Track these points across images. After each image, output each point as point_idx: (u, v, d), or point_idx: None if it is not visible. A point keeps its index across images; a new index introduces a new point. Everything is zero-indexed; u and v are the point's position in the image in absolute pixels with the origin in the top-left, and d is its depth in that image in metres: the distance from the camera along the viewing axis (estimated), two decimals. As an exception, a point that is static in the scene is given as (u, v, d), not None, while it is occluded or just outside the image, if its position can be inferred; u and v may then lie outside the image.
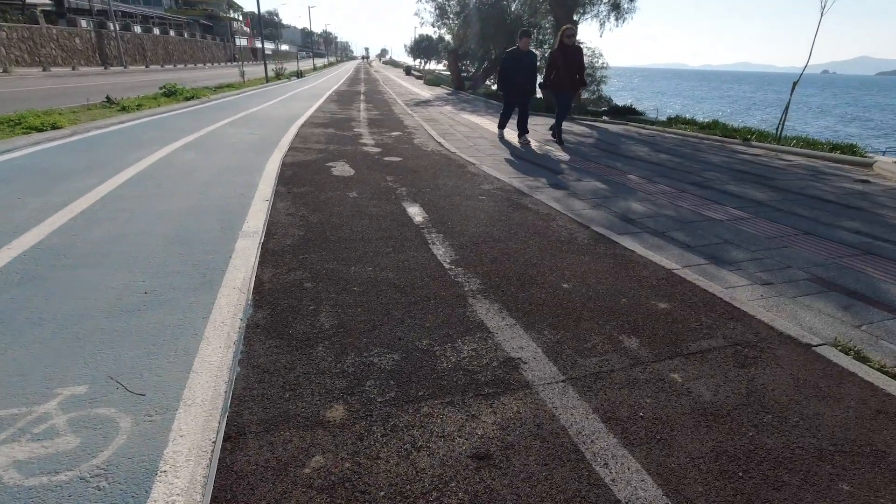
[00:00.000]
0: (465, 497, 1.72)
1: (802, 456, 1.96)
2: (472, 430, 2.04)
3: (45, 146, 7.69)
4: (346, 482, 1.77)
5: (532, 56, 9.66)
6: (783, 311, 3.26)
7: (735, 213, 5.48)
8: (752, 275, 3.84)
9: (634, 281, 3.52)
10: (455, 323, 2.87)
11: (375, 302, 3.10)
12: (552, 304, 3.14)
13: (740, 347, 2.72)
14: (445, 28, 29.09)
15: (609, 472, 1.85)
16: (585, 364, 2.52)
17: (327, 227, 4.45)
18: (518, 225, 4.68)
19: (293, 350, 2.56)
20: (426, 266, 3.66)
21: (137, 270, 3.44)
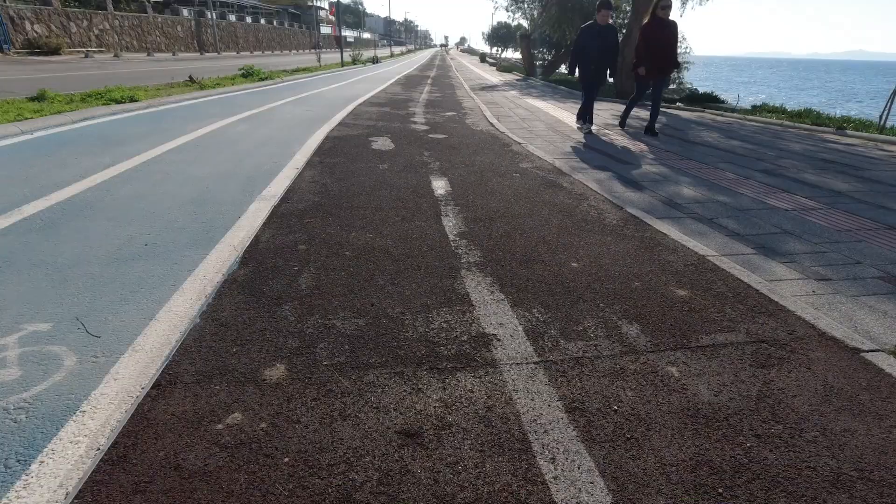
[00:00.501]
0: (373, 474, 1.52)
1: (811, 479, 1.56)
2: (412, 404, 1.82)
3: (119, 116, 8.26)
4: (254, 443, 1.62)
5: (612, 32, 8.11)
6: (836, 310, 2.73)
7: (804, 203, 4.77)
8: (808, 268, 3.28)
9: (656, 265, 3.10)
10: (437, 294, 2.65)
11: (362, 268, 2.93)
12: (552, 282, 2.82)
13: (765, 345, 2.28)
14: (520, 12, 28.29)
15: (553, 469, 1.56)
16: (568, 347, 2.21)
17: (344, 196, 4.35)
18: (544, 203, 4.33)
19: (259, 307, 2.46)
20: (429, 237, 3.44)
21: (147, 225, 3.51)
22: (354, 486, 1.47)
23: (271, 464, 1.54)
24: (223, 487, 1.46)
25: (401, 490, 1.47)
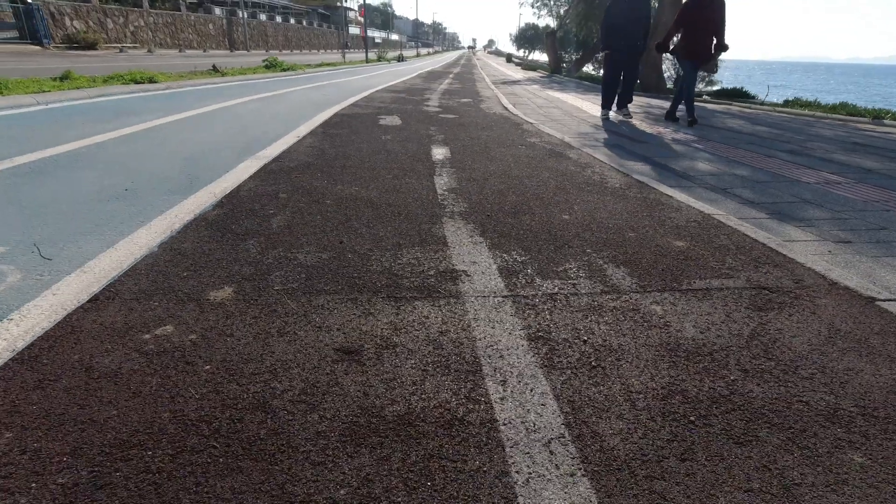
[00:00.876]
0: (298, 385, 1.37)
1: (802, 412, 1.34)
2: (358, 326, 1.67)
3: (136, 95, 8.37)
4: (178, 351, 1.49)
5: (646, 4, 7.34)
6: (853, 268, 2.46)
7: (829, 178, 4.44)
8: (826, 232, 3.00)
9: (656, 220, 2.88)
10: (413, 235, 2.49)
11: (340, 213, 2.80)
12: (538, 230, 2.63)
13: (766, 292, 2.04)
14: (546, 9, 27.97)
15: (502, 391, 1.38)
16: (544, 285, 2.02)
17: (338, 158, 4.23)
18: (547, 168, 4.13)
19: (222, 241, 2.34)
20: (417, 191, 3.29)
21: (132, 175, 3.46)
22: (273, 394, 1.32)
23: (189, 370, 1.41)
24: (131, 388, 1.32)
25: (323, 400, 1.31)
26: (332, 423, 1.24)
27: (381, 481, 1.08)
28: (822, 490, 1.10)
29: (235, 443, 1.16)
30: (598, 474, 1.12)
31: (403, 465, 1.13)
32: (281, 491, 1.04)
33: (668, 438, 1.24)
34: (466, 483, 1.08)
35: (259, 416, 1.25)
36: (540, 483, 1.09)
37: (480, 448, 1.18)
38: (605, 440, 1.22)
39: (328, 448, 1.16)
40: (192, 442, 1.16)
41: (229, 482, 1.06)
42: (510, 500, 1.05)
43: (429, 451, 1.17)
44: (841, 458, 1.19)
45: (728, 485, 1.11)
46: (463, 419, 1.27)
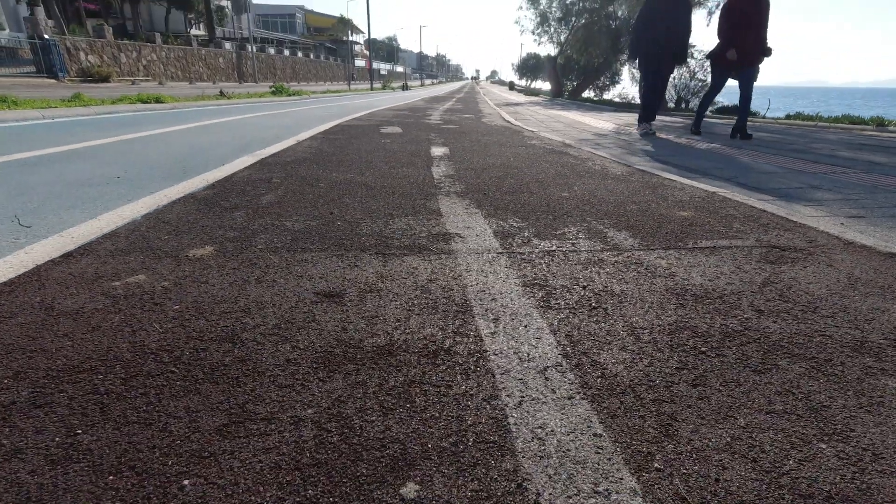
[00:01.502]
0: (272, 321, 1.26)
1: (825, 344, 1.22)
2: (343, 274, 1.57)
3: (141, 112, 8.48)
4: (147, 294, 1.39)
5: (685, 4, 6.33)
6: (869, 234, 2.34)
7: (835, 170, 4.34)
8: (837, 209, 2.88)
9: (658, 196, 2.78)
10: (407, 208, 2.40)
11: (333, 192, 2.72)
12: (536, 205, 2.54)
13: (778, 250, 1.92)
14: (546, 36, 28.50)
15: (493, 327, 1.27)
16: (541, 244, 1.91)
17: (336, 154, 4.19)
18: (546, 161, 4.06)
19: (209, 212, 2.26)
20: (414, 177, 3.22)
21: (129, 166, 3.43)
22: (244, 328, 1.22)
23: (156, 309, 1.30)
24: (91, 324, 1.22)
25: (297, 333, 1.20)
26: (304, 352, 1.13)
27: (353, 403, 0.96)
28: (854, 411, 0.97)
29: (196, 369, 1.05)
30: (598, 398, 1.00)
31: (380, 389, 1.01)
32: (241, 410, 0.93)
33: (677, 367, 1.11)
34: (450, 405, 0.96)
35: (225, 347, 1.14)
36: (534, 405, 0.97)
37: (468, 375, 1.06)
38: (606, 368, 1.10)
39: (298, 374, 1.05)
40: (147, 368, 1.05)
41: (184, 402, 0.95)
42: (500, 421, 0.92)
43: (409, 377, 1.05)
44: (873, 384, 1.06)
45: (747, 407, 0.98)
46: (449, 350, 1.16)
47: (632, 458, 0.83)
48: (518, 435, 0.88)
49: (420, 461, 0.82)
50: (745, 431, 0.91)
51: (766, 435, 0.90)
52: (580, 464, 0.82)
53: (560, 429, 0.90)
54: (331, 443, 0.85)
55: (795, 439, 0.89)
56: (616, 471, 0.80)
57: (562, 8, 26.56)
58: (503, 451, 0.84)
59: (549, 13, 26.98)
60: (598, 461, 0.82)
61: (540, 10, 27.05)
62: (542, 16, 27.22)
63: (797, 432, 0.91)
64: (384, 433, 0.88)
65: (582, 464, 0.82)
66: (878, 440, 0.89)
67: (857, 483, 0.79)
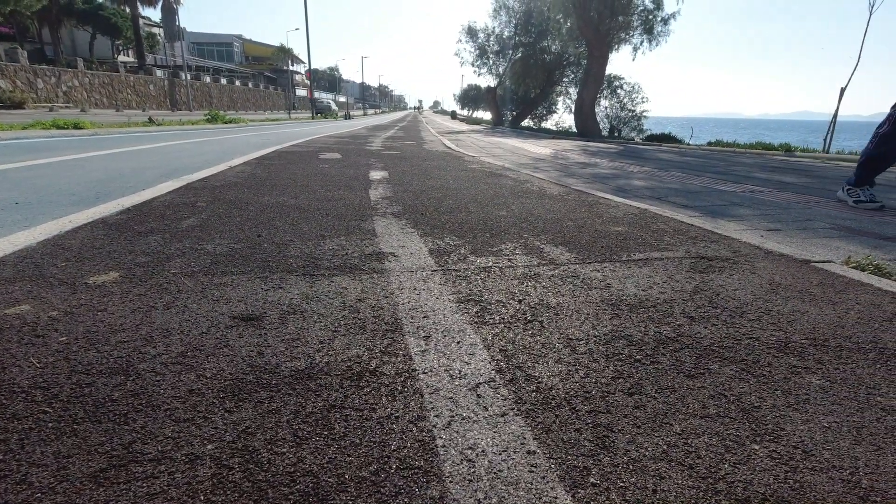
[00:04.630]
0: (177, 348, 1.12)
1: (753, 346, 1.23)
2: (264, 296, 1.44)
3: (57, 138, 7.89)
4: (26, 326, 1.21)
5: None
6: (787, 245, 2.48)
7: (753, 188, 4.66)
8: (757, 224, 3.06)
9: (594, 214, 2.84)
10: (340, 229, 2.31)
11: (263, 215, 2.58)
12: (474, 223, 2.51)
13: (706, 260, 1.98)
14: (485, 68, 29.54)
15: (424, 345, 1.19)
16: (478, 261, 1.87)
17: (269, 179, 4.03)
18: (485, 184, 4.09)
19: (120, 237, 2.07)
20: (350, 200, 3.13)
21: (33, 191, 3.12)
22: (142, 359, 1.07)
23: (36, 342, 1.13)
24: (-50, 362, 1.04)
25: (206, 361, 1.07)
26: (210, 381, 1.00)
27: (263, 434, 0.85)
28: (784, 410, 0.97)
29: (76, 407, 0.90)
30: (533, 413, 0.94)
31: (295, 417, 0.90)
32: (126, 451, 0.79)
33: (613, 376, 1.08)
34: (373, 430, 0.87)
35: (116, 380, 0.99)
36: (464, 425, 0.90)
37: (394, 396, 0.98)
38: (542, 381, 1.05)
39: (200, 405, 0.92)
40: (14, 409, 0.89)
41: (54, 447, 0.80)
42: (427, 444, 0.84)
43: (329, 402, 0.95)
44: (798, 382, 1.07)
45: (682, 413, 0.95)
46: (375, 370, 1.07)
47: (567, 475, 0.77)
48: (446, 458, 0.80)
49: (334, 495, 0.72)
50: (680, 438, 0.87)
51: (701, 440, 0.87)
52: (512, 485, 0.75)
53: (492, 448, 0.83)
54: (231, 481, 0.74)
55: (730, 442, 0.86)
56: (550, 489, 0.74)
57: (499, 42, 27.70)
58: (429, 477, 0.76)
59: (487, 46, 28.04)
60: (531, 480, 0.76)
61: (478, 44, 28.08)
62: (480, 49, 28.24)
63: (731, 435, 0.88)
64: (295, 466, 0.78)
65: (514, 485, 0.75)
66: (807, 437, 0.88)
67: (791, 483, 0.77)
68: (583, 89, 16.91)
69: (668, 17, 15.85)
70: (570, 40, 19.38)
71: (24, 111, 23.95)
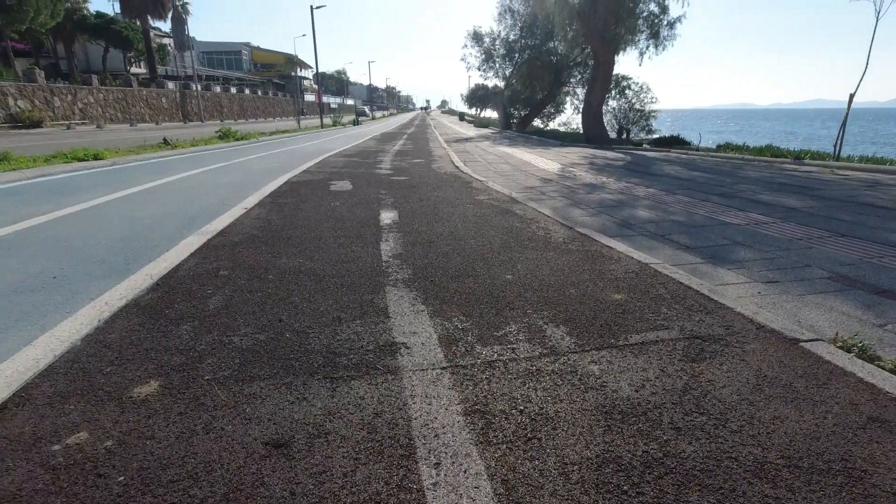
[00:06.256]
0: (219, 489, 1.29)
1: (731, 469, 1.36)
2: (290, 414, 1.61)
3: (79, 172, 8.18)
4: (90, 462, 1.38)
5: None
6: (780, 308, 2.59)
7: (757, 218, 4.73)
8: (756, 273, 3.16)
9: (595, 274, 2.96)
10: (354, 308, 2.47)
11: (281, 288, 2.75)
12: (481, 293, 2.66)
13: (699, 340, 2.11)
14: (492, 71, 29.57)
15: (435, 475, 1.34)
16: (483, 352, 2.02)
17: (285, 228, 4.21)
18: (492, 226, 4.23)
19: (153, 328, 2.25)
20: (362, 259, 3.29)
21: (63, 260, 3.33)
22: (191, 500, 1.24)
23: (100, 484, 1.30)
24: (29, 512, 1.21)
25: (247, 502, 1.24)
26: (251, 531, 1.16)
27: None
28: (752, 554, 1.10)
29: (142, 567, 1.07)
30: (530, 561, 1.09)
31: (326, 573, 1.06)
32: None
33: (602, 512, 1.22)
34: (393, 587, 1.02)
35: (171, 532, 1.16)
36: (471, 578, 1.04)
37: (410, 544, 1.13)
38: (538, 521, 1.19)
39: (245, 562, 1.08)
40: (91, 571, 1.06)
41: None
42: None
43: (355, 553, 1.11)
44: (769, 516, 1.20)
45: (661, 558, 1.09)
46: (393, 512, 1.22)
47: None
48: None
49: None
50: None
51: None
52: None
53: None
54: None
55: None
56: None
57: (505, 45, 27.70)
58: None
59: (493, 50, 28.05)
60: None
61: (484, 48, 28.09)
62: (486, 53, 28.25)
63: (701, 592, 1.02)
64: None
65: None
66: None
67: None
68: (589, 94, 16.92)
69: (673, 21, 15.81)
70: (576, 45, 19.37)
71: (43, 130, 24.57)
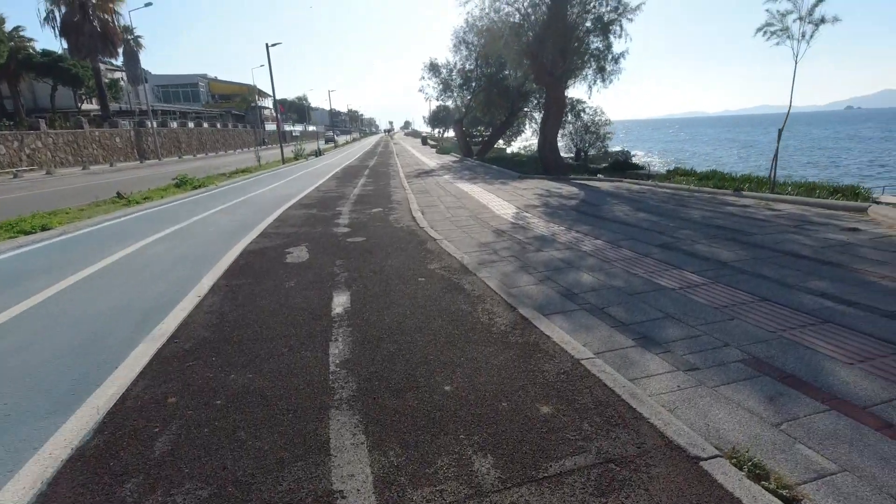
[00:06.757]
0: None
1: None
2: None
3: (26, 249, 8.01)
4: None
5: None
6: (693, 407, 2.84)
7: (691, 280, 5.07)
8: (680, 358, 3.43)
9: (529, 377, 3.17)
10: (298, 443, 2.58)
11: (229, 419, 2.85)
12: (420, 413, 2.82)
13: (612, 465, 2.31)
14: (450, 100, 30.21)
15: None
16: (414, 497, 2.17)
17: (237, 326, 4.29)
18: (440, 312, 4.41)
19: (98, 490, 2.31)
20: (310, 370, 3.41)
21: (10, 388, 3.33)
22: None
23: None
24: None
25: None
26: None
27: None
28: None
29: None
30: None
31: None
32: None
33: None
34: None
35: None
36: None
37: None
38: None
39: None
40: None
41: None
42: None
43: None
44: None
45: None
46: None
47: None
48: None
49: None
50: None
51: None
52: None
53: None
54: None
55: None
56: None
57: (462, 75, 28.36)
58: None
59: (450, 81, 28.69)
60: None
61: (441, 79, 28.72)
62: (444, 83, 28.88)
63: None
64: None
65: None
66: None
67: None
68: (544, 127, 17.53)
69: (617, 56, 16.65)
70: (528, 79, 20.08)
71: (-12, 183, 23.63)
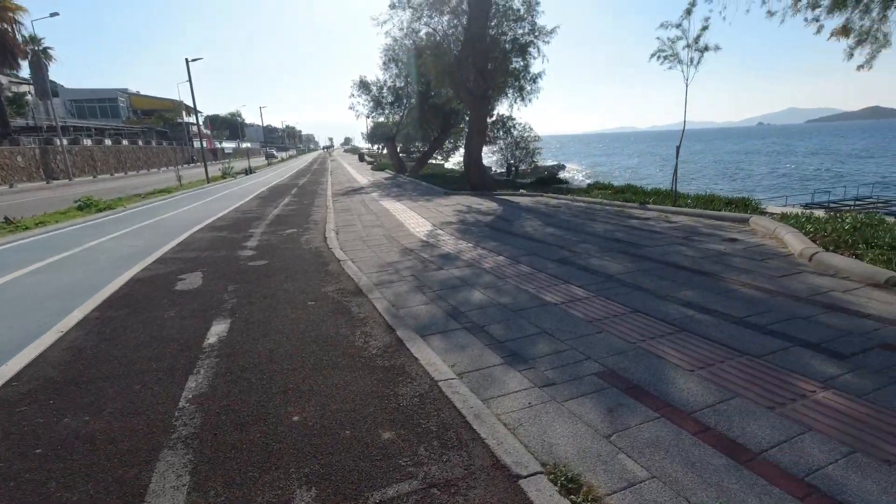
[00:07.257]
0: None
1: None
2: None
3: None
4: None
5: None
6: (537, 424, 2.89)
7: (575, 294, 5.25)
8: (540, 374, 3.50)
9: (381, 403, 3.13)
10: (112, 492, 2.40)
11: (43, 469, 2.61)
12: (258, 447, 2.70)
13: (434, 490, 2.30)
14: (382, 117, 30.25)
15: None
16: (219, 545, 2.05)
17: (93, 363, 3.98)
18: (317, 338, 4.30)
19: None
20: (155, 407, 3.20)
21: None
22: None
23: None
24: None
25: None
26: None
27: None
28: None
29: None
30: None
31: None
32: None
33: None
34: None
35: None
36: None
37: None
38: None
39: None
40: None
41: None
42: None
43: None
44: None
45: None
46: None
47: None
48: None
49: None
50: None
51: None
52: None
53: None
54: None
55: None
56: None
57: (392, 93, 28.51)
58: None
59: (381, 98, 28.74)
60: None
61: (372, 96, 28.69)
62: (375, 101, 28.87)
63: None
64: None
65: None
66: None
67: None
68: (469, 144, 17.88)
69: (535, 76, 17.41)
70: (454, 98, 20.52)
71: None
